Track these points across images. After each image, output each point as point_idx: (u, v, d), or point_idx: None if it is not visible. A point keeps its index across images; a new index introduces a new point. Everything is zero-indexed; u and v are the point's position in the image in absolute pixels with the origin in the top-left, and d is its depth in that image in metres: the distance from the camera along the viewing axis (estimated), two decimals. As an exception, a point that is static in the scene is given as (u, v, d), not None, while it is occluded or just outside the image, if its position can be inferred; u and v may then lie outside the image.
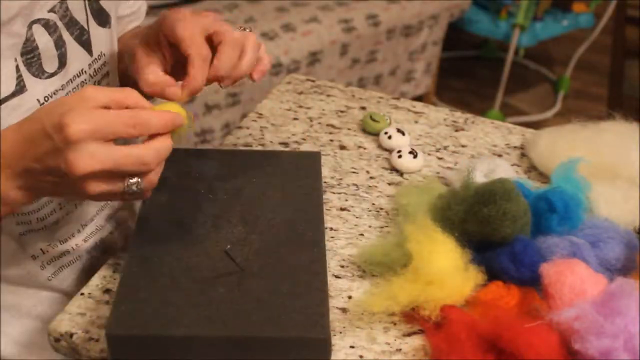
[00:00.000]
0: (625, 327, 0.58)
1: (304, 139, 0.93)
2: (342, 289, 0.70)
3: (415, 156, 0.88)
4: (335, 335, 0.65)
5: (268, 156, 0.83)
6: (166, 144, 0.60)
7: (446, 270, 0.66)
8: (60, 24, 0.70)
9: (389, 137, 0.91)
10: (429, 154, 0.92)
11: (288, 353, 0.60)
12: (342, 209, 0.82)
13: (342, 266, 0.73)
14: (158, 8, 1.87)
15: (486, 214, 0.68)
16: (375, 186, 0.86)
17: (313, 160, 0.81)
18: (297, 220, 0.72)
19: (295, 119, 0.98)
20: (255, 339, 0.59)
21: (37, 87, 0.69)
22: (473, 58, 3.07)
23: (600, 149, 0.83)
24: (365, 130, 0.95)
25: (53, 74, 0.71)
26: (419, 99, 2.40)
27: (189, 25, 0.68)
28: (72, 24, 0.72)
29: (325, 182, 0.85)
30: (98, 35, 0.76)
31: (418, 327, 0.66)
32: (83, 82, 0.75)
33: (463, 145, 0.94)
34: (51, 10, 0.69)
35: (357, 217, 0.80)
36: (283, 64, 2.03)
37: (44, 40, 0.69)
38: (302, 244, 0.69)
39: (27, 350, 0.83)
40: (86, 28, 0.74)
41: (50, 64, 0.70)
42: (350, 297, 0.70)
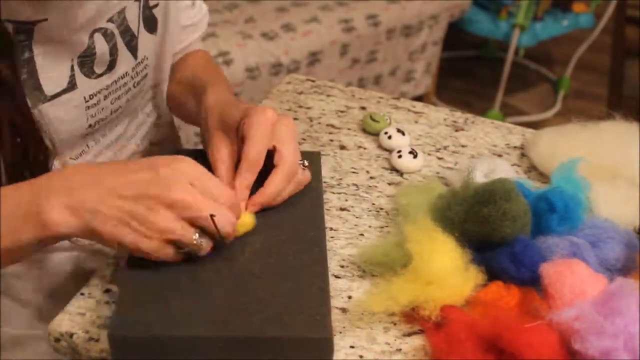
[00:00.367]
0: (625, 327, 0.58)
1: (304, 139, 0.93)
2: (342, 289, 0.70)
3: (415, 156, 0.88)
4: (335, 335, 0.65)
5: (268, 156, 0.83)
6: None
7: (446, 270, 0.66)
8: (116, 32, 0.76)
9: (389, 137, 0.91)
10: (429, 154, 0.92)
11: (290, 353, 0.59)
12: (342, 209, 0.82)
13: (342, 266, 0.73)
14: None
15: (486, 214, 0.68)
16: (375, 186, 0.86)
17: (313, 160, 0.81)
18: (298, 220, 0.72)
19: (295, 119, 0.98)
20: (257, 340, 0.59)
21: (86, 86, 0.75)
22: (473, 58, 3.07)
23: (600, 149, 0.83)
24: (365, 130, 0.95)
25: (101, 75, 0.76)
26: (419, 99, 2.40)
27: (256, 141, 0.69)
28: (126, 32, 0.77)
29: (325, 182, 0.85)
30: (145, 41, 0.81)
31: (418, 327, 0.66)
32: (126, 83, 0.81)
33: (463, 145, 0.94)
34: (110, 20, 0.75)
35: (357, 217, 0.80)
36: (283, 64, 2.03)
37: (102, 47, 0.75)
38: (303, 244, 0.69)
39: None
40: (136, 35, 0.79)
41: (101, 67, 0.76)
42: (350, 297, 0.70)
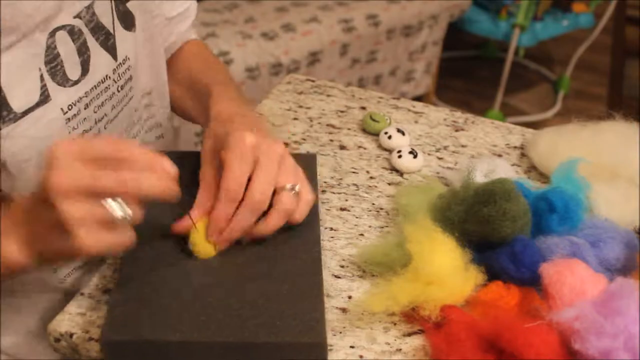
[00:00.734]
0: (625, 327, 0.58)
1: (304, 139, 0.93)
2: (342, 289, 0.70)
3: (415, 156, 0.88)
4: (335, 335, 0.65)
5: None
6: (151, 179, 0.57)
7: (446, 270, 0.66)
8: (85, 30, 0.69)
9: (389, 137, 0.91)
10: (429, 154, 0.92)
11: (284, 358, 0.60)
12: (342, 209, 0.82)
13: (342, 266, 0.73)
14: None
15: (486, 214, 0.68)
16: (375, 186, 0.86)
17: (309, 162, 0.81)
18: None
19: (295, 119, 0.98)
20: (251, 345, 0.59)
21: (61, 96, 0.68)
22: (473, 58, 3.07)
23: (600, 149, 0.83)
24: (365, 130, 0.95)
25: (77, 82, 0.69)
26: (419, 99, 2.40)
27: (235, 166, 0.64)
28: (98, 29, 0.71)
29: (325, 182, 0.85)
30: (124, 39, 0.75)
31: (418, 327, 0.66)
32: (107, 88, 0.74)
33: (463, 145, 0.94)
34: (77, 16, 0.68)
35: (357, 217, 0.80)
36: (283, 64, 2.03)
37: (66, 47, 0.67)
38: (298, 247, 0.69)
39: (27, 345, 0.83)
40: (112, 32, 0.73)
41: (73, 72, 0.69)
42: (350, 297, 0.70)
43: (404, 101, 1.03)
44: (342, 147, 0.92)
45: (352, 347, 0.64)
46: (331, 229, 0.78)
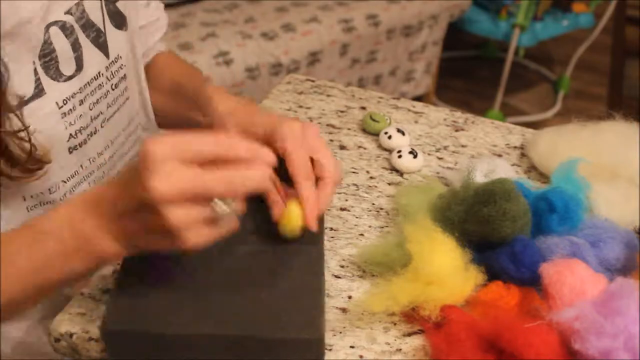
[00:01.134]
0: (625, 327, 0.58)
1: (304, 139, 0.93)
2: (342, 289, 0.70)
3: (415, 156, 0.88)
4: (335, 335, 0.65)
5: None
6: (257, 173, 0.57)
7: (446, 270, 0.66)
8: (76, 26, 0.70)
9: (389, 137, 0.91)
10: (429, 154, 0.92)
11: (282, 353, 0.60)
12: (342, 209, 0.82)
13: (342, 266, 0.73)
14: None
15: (486, 214, 0.68)
16: (375, 186, 0.86)
17: None
18: None
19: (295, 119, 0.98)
20: (250, 338, 0.60)
21: (55, 90, 0.68)
22: (473, 58, 3.07)
23: (600, 149, 0.83)
24: (365, 130, 0.95)
25: (70, 77, 0.70)
26: (419, 99, 2.40)
27: (300, 152, 0.69)
28: (89, 26, 0.71)
29: (325, 182, 0.85)
30: (115, 38, 0.75)
31: (418, 327, 0.66)
32: (101, 85, 0.74)
33: (463, 145, 0.94)
34: (67, 12, 0.68)
35: (357, 217, 0.80)
36: (283, 64, 2.03)
37: (60, 43, 0.68)
38: (300, 244, 0.69)
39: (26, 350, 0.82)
40: (102, 30, 0.73)
41: (67, 67, 0.69)
42: (350, 297, 0.70)
43: (404, 101, 1.03)
44: (342, 147, 0.92)
45: (352, 347, 0.64)
46: (331, 229, 0.78)
